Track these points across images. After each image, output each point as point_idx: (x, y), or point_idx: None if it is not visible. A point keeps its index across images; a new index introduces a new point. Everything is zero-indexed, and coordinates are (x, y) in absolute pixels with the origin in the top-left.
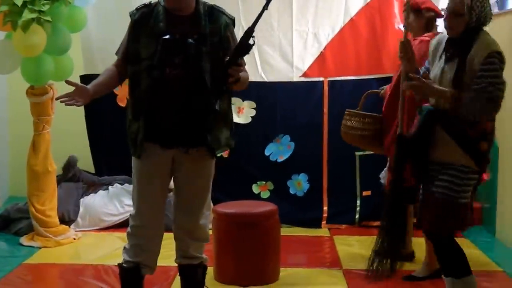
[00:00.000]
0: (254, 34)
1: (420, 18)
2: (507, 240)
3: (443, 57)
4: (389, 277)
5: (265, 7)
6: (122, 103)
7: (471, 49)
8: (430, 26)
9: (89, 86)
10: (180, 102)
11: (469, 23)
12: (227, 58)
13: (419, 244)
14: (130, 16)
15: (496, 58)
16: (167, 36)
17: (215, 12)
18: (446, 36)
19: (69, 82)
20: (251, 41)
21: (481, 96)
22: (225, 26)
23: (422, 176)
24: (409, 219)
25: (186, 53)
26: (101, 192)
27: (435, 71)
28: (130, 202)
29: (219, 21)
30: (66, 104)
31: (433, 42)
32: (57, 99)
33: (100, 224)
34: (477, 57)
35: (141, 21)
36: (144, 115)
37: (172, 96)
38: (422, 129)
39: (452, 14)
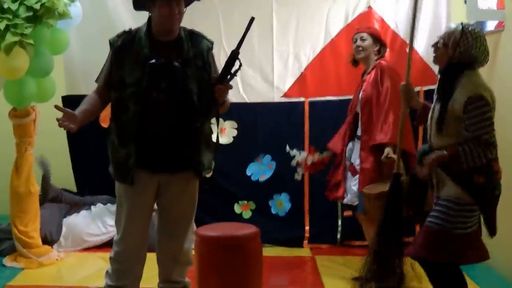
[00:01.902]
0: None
1: (375, 44)
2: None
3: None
4: None
5: (248, 29)
6: (104, 124)
7: (454, 91)
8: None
9: (76, 113)
10: (168, 126)
11: (451, 58)
12: (215, 80)
13: None
14: (111, 43)
15: (476, 103)
16: (153, 61)
17: (195, 36)
18: None
19: (58, 108)
20: (237, 63)
21: (478, 144)
22: (207, 51)
23: (420, 211)
24: None
25: (172, 76)
26: (83, 212)
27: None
28: (112, 222)
29: (201, 45)
30: (60, 125)
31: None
32: (58, 119)
33: (83, 244)
34: (457, 102)
35: (123, 47)
36: (134, 141)
37: (160, 120)
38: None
39: (439, 42)
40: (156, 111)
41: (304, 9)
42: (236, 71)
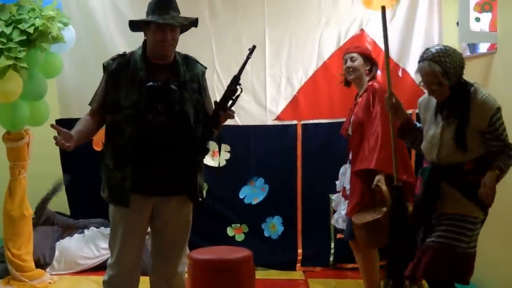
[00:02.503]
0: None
1: (366, 64)
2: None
3: (439, 116)
4: None
5: (249, 56)
6: (97, 148)
7: (469, 108)
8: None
9: (72, 133)
10: (163, 148)
11: (452, 86)
12: (216, 105)
13: None
14: (105, 66)
15: (497, 114)
16: (151, 83)
17: (190, 61)
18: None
19: (54, 127)
20: (238, 88)
21: (510, 150)
22: (202, 75)
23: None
24: (375, 263)
25: (169, 99)
26: (76, 235)
27: (432, 130)
28: (106, 245)
29: (196, 69)
30: (57, 144)
31: (421, 102)
32: (55, 138)
33: (76, 267)
34: (481, 117)
35: (119, 70)
36: (130, 164)
37: (157, 143)
38: (427, 187)
39: (430, 85)
40: (153, 134)
41: (296, 33)
42: (237, 96)
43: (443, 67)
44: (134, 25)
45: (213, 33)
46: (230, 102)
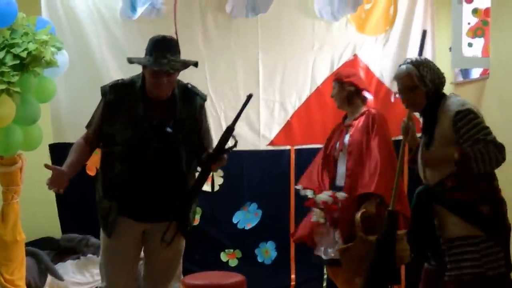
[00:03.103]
0: (233, 127)
1: (342, 90)
2: None
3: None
4: None
5: (244, 106)
6: (91, 172)
7: (436, 120)
8: (351, 100)
9: (64, 168)
10: (154, 182)
11: (428, 92)
12: (207, 155)
13: None
14: (103, 94)
15: (466, 116)
16: (145, 124)
17: (189, 93)
18: None
19: (48, 167)
20: (231, 140)
21: (488, 145)
22: (200, 108)
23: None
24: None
25: (163, 140)
26: (70, 261)
27: (420, 149)
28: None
29: (194, 103)
30: (49, 188)
31: (405, 120)
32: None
33: None
34: (445, 122)
35: (116, 102)
36: (116, 198)
37: (147, 177)
38: (415, 212)
39: (405, 91)
40: (144, 169)
41: (290, 58)
42: (231, 148)
43: (420, 71)
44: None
45: (207, 57)
46: (223, 152)
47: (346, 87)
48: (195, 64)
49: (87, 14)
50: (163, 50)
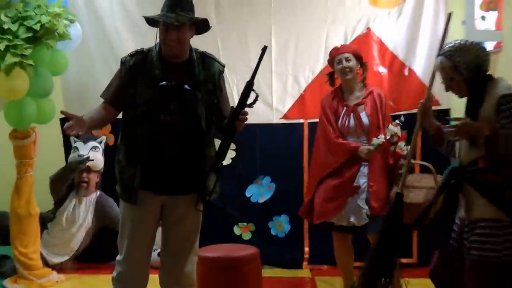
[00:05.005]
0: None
1: (358, 67)
2: None
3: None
4: None
5: (261, 58)
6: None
7: (481, 103)
8: (365, 78)
9: (84, 118)
10: (175, 148)
11: (466, 79)
12: (232, 111)
13: None
14: (123, 62)
15: (506, 98)
16: (164, 83)
17: (207, 59)
18: None
19: (64, 113)
20: (252, 94)
21: None
22: (219, 74)
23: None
24: (345, 256)
25: (182, 99)
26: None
27: None
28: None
29: (212, 68)
30: (68, 133)
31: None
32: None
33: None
34: (488, 105)
35: (136, 67)
36: (141, 162)
37: (168, 142)
38: (443, 189)
39: (445, 82)
40: (164, 133)
41: (303, 31)
42: (253, 102)
43: (454, 62)
44: (150, 22)
45: (219, 32)
46: (245, 109)
47: (363, 64)
48: (205, 21)
49: None
50: (173, 5)
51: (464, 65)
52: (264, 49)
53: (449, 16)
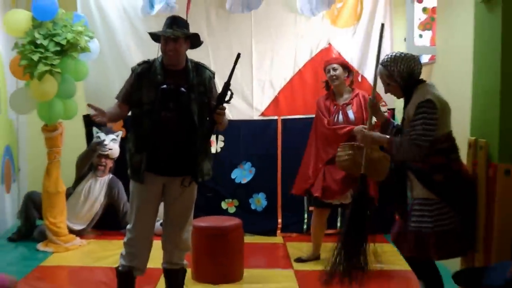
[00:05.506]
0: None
1: (345, 73)
2: None
3: None
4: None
5: (235, 63)
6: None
7: (407, 105)
8: (352, 83)
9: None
10: (173, 139)
11: (400, 85)
12: (212, 106)
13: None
14: (133, 70)
15: (423, 107)
16: (165, 86)
17: (199, 67)
18: None
19: (91, 106)
20: (229, 93)
21: (408, 143)
22: (209, 79)
23: (402, 212)
24: (321, 229)
25: (179, 99)
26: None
27: None
28: None
29: (204, 74)
30: (94, 119)
31: (371, 98)
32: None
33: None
34: (411, 107)
35: (143, 73)
36: (146, 150)
37: (167, 134)
38: (394, 173)
39: (384, 87)
40: (165, 127)
41: (277, 46)
42: (229, 99)
43: (389, 70)
44: (154, 39)
45: (210, 45)
46: (223, 104)
47: (350, 72)
48: (196, 36)
49: (114, 11)
50: (171, 23)
51: (398, 73)
52: (238, 56)
53: (382, 27)
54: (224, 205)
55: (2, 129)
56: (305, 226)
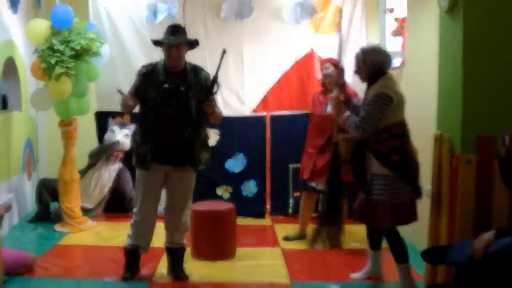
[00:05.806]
0: (218, 81)
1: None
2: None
3: None
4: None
5: (221, 59)
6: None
7: (371, 88)
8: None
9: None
10: (174, 132)
11: (369, 72)
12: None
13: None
14: (138, 72)
15: (379, 97)
16: (166, 85)
17: (197, 69)
18: None
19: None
20: (216, 86)
21: (353, 125)
22: (205, 79)
23: (363, 185)
24: (308, 212)
25: (179, 97)
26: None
27: None
28: None
29: (200, 75)
30: (125, 102)
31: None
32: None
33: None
34: (370, 94)
35: (147, 74)
36: (151, 141)
37: (169, 128)
38: (353, 152)
39: (355, 67)
40: (167, 122)
41: (266, 50)
42: (216, 91)
43: (365, 57)
44: (156, 44)
45: (206, 48)
46: (211, 96)
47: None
48: (196, 41)
49: (122, 20)
50: (173, 32)
51: (371, 62)
52: (223, 52)
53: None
54: (219, 191)
55: (23, 124)
56: (290, 210)
